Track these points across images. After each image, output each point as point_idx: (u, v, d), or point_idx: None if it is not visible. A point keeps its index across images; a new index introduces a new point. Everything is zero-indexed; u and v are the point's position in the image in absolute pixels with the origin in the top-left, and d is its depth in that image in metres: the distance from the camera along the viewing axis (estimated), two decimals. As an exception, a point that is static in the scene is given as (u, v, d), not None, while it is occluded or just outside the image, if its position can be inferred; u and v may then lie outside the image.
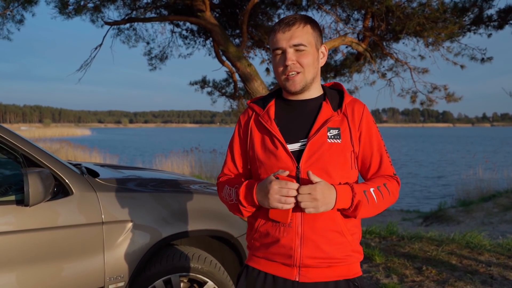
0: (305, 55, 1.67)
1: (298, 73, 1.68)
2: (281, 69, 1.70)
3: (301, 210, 1.62)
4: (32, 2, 6.35)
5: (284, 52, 1.68)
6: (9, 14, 6.48)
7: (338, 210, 1.65)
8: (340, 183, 1.65)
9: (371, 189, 1.64)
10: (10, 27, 6.75)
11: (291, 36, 1.66)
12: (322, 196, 1.53)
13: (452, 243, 5.78)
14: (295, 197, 1.54)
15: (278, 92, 1.87)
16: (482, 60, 6.95)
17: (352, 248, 1.71)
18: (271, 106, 1.80)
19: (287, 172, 1.59)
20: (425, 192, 16.64)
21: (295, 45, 1.66)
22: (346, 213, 1.67)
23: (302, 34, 1.66)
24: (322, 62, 1.78)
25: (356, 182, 1.75)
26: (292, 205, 1.56)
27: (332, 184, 1.59)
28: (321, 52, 1.76)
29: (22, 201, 2.28)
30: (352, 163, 1.71)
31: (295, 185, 1.55)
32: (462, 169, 14.42)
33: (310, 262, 1.66)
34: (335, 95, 1.80)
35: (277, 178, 1.58)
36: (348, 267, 1.72)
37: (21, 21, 6.73)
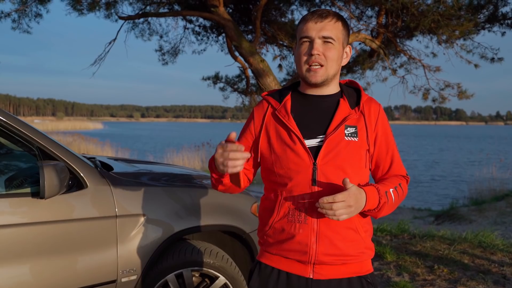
0: (331, 49, 1.67)
1: (321, 66, 1.67)
2: (305, 58, 1.69)
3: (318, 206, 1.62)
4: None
5: (311, 42, 1.67)
6: (26, 10, 6.53)
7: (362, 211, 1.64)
8: (359, 184, 1.66)
9: (391, 190, 1.66)
10: (29, 22, 6.82)
11: (322, 27, 1.65)
12: (355, 202, 1.54)
13: (464, 242, 5.73)
14: (331, 205, 1.50)
15: (294, 85, 1.86)
16: (492, 59, 6.85)
17: (365, 245, 1.73)
18: (288, 100, 1.78)
19: (234, 134, 1.52)
20: (437, 190, 16.49)
21: (324, 37, 1.66)
22: (368, 214, 1.68)
23: (332, 28, 1.67)
24: (345, 61, 1.78)
25: (368, 181, 1.76)
26: (237, 169, 1.51)
27: (360, 187, 1.59)
28: (346, 51, 1.76)
29: (37, 194, 2.30)
30: (367, 162, 1.72)
31: (234, 146, 1.49)
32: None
33: (325, 259, 1.66)
34: (352, 92, 1.80)
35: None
36: (361, 264, 1.73)
37: (38, 15, 6.78)
